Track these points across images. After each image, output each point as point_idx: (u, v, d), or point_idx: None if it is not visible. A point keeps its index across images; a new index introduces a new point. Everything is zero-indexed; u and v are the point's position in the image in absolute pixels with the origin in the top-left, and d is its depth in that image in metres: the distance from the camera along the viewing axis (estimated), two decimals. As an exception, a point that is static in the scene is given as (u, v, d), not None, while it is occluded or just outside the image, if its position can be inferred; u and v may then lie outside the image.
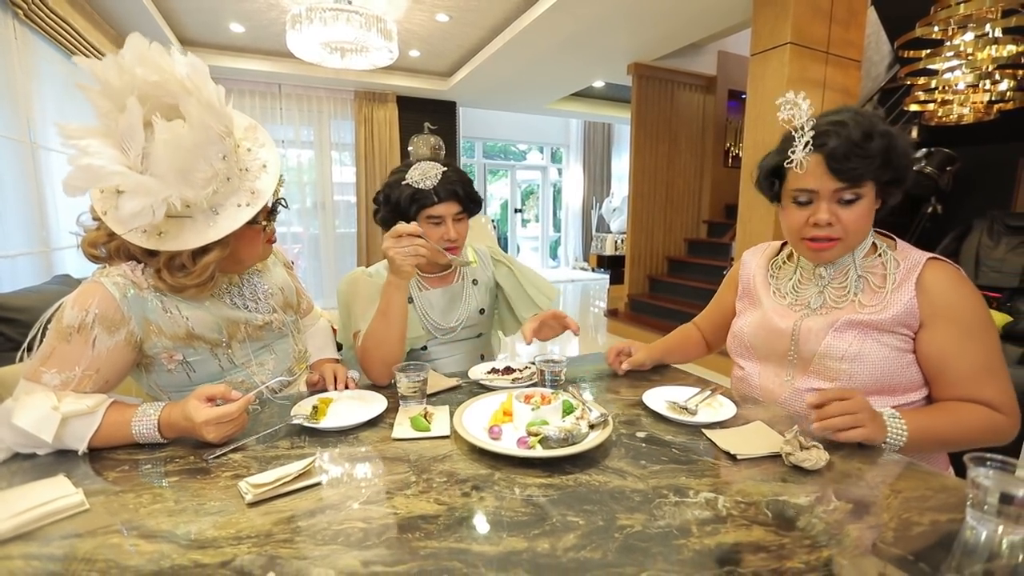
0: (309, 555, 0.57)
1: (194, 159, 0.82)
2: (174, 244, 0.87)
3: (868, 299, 0.97)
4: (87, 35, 3.34)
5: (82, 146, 0.77)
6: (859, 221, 0.94)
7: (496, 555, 0.57)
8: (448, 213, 1.25)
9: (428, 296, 1.36)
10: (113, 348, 0.88)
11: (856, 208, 0.94)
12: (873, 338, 0.95)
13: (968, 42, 2.67)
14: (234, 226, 0.89)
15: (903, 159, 0.93)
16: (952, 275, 0.94)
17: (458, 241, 1.28)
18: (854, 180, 0.91)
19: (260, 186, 0.93)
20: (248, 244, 1.00)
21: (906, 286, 0.94)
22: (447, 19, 4.19)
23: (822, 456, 0.75)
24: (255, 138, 0.96)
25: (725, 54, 5.32)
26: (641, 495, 0.69)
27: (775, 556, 0.57)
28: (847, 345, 0.95)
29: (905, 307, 0.93)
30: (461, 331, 1.39)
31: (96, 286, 0.89)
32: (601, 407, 0.91)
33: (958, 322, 0.91)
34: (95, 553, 0.57)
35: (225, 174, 0.87)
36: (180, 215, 0.86)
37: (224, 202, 0.89)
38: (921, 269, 0.94)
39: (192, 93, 0.81)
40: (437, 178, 1.23)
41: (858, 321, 0.96)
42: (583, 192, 9.02)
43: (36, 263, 2.78)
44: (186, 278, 0.91)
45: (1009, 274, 3.29)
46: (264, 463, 0.78)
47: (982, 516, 0.59)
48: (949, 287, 0.93)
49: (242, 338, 1.05)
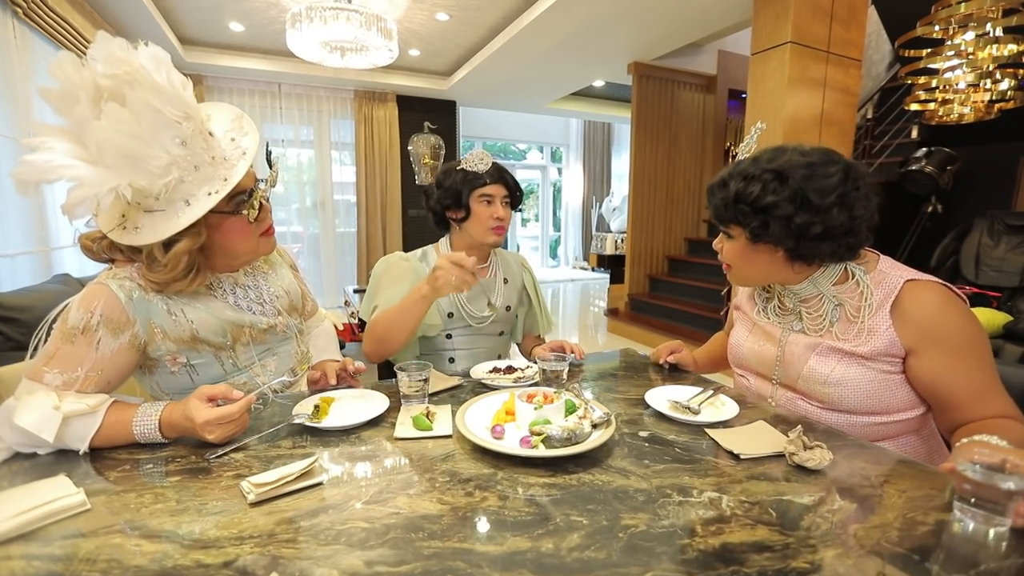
0: (312, 555, 0.57)
1: (143, 145, 0.79)
2: (146, 237, 0.85)
3: (843, 329, 0.95)
4: (86, 34, 3.34)
5: (36, 143, 0.77)
6: (736, 256, 1.01)
7: (500, 555, 0.57)
8: (498, 194, 1.38)
9: None
10: (117, 350, 0.88)
11: (732, 244, 1.01)
12: (857, 363, 0.92)
13: (969, 41, 2.67)
14: (198, 213, 0.86)
15: (754, 206, 0.91)
16: (932, 297, 0.89)
17: (504, 222, 1.40)
18: (716, 219, 1.01)
19: (234, 174, 0.90)
20: (237, 236, 0.96)
21: (880, 315, 0.91)
22: (447, 18, 4.18)
23: (825, 456, 0.75)
24: (240, 127, 0.94)
25: (725, 53, 5.32)
26: (645, 495, 0.69)
27: (780, 556, 0.56)
28: (830, 370, 0.94)
29: (885, 339, 0.90)
30: (488, 325, 1.45)
31: (102, 288, 0.88)
32: (603, 406, 0.91)
33: (946, 346, 0.87)
34: (97, 553, 0.57)
35: (191, 162, 0.84)
36: (152, 209, 0.85)
37: (196, 192, 0.86)
38: (897, 294, 0.90)
39: (137, 80, 0.79)
40: (488, 165, 1.38)
41: (839, 349, 0.94)
42: (583, 191, 9.01)
43: (36, 262, 2.78)
44: (161, 272, 0.89)
45: (1009, 273, 3.29)
46: (266, 463, 0.78)
47: (967, 508, 0.60)
48: (930, 311, 0.88)
49: (246, 341, 1.04)
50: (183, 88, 0.85)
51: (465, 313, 1.41)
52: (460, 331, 1.43)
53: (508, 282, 1.51)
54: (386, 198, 6.13)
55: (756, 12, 3.12)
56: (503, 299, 1.48)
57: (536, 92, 6.18)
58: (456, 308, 1.41)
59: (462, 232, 1.42)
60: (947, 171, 3.75)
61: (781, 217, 0.90)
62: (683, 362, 1.28)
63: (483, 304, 1.44)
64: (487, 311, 1.43)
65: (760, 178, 0.91)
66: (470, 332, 1.44)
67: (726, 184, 0.96)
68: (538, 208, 9.68)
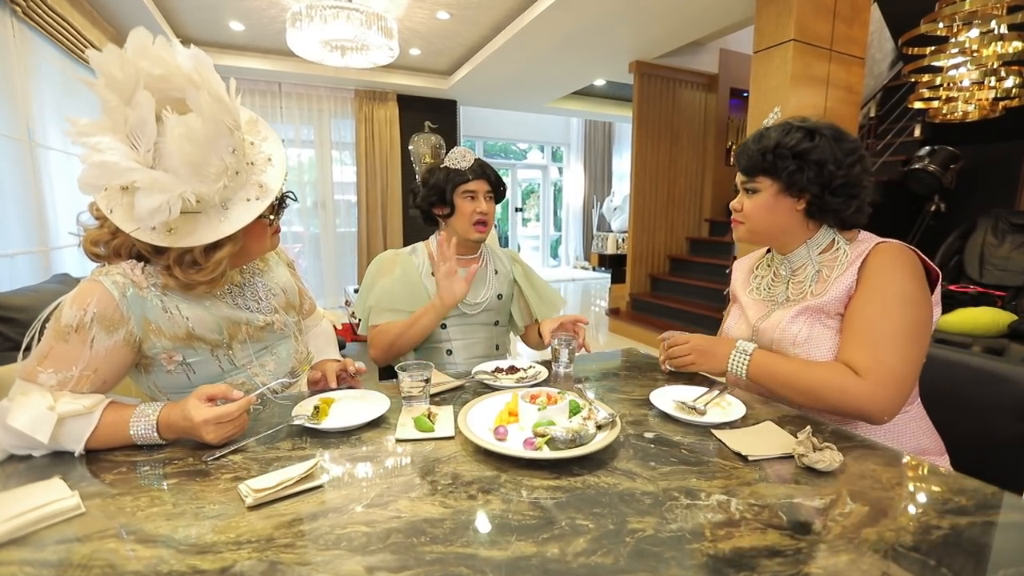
0: (311, 560, 0.55)
1: (206, 153, 0.80)
2: (187, 240, 0.85)
3: (819, 288, 1.04)
4: (86, 33, 3.33)
5: (92, 143, 0.76)
6: (756, 209, 1.07)
7: (504, 560, 0.55)
8: (480, 190, 1.45)
9: None
10: (111, 348, 0.86)
11: (755, 199, 1.07)
12: (821, 323, 1.01)
13: (973, 38, 2.66)
14: (247, 220, 0.89)
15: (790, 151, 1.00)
16: (893, 252, 0.97)
17: (487, 216, 1.46)
18: (746, 172, 1.07)
19: (267, 180, 0.92)
20: (256, 238, 0.99)
21: (850, 271, 1.00)
22: (448, 17, 4.17)
23: (836, 457, 0.73)
24: (257, 131, 0.96)
25: (727, 52, 5.30)
26: (651, 497, 0.67)
27: (792, 561, 0.55)
28: (798, 330, 1.02)
29: (845, 287, 0.99)
30: (480, 314, 1.51)
31: (95, 285, 0.86)
32: (608, 407, 0.89)
33: (873, 289, 0.95)
34: (91, 558, 0.55)
35: (235, 168, 0.86)
36: (191, 211, 0.85)
37: (232, 196, 0.89)
38: (867, 253, 0.99)
39: (201, 87, 0.79)
40: (470, 162, 1.45)
41: (807, 307, 1.03)
42: (584, 191, 8.99)
43: (35, 262, 2.77)
44: (198, 274, 0.89)
45: (1014, 272, 3.27)
46: (265, 465, 0.76)
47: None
48: (884, 262, 0.96)
49: (243, 339, 1.03)
50: (232, 93, 0.86)
51: None
52: (455, 320, 1.47)
53: (499, 272, 1.57)
54: (387, 198, 6.12)
55: (758, 10, 3.11)
56: (495, 288, 1.54)
57: (537, 91, 6.16)
58: None
59: (448, 228, 1.49)
60: (950, 170, 3.72)
61: (815, 162, 1.00)
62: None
63: (475, 291, 1.50)
64: (479, 298, 1.49)
65: (798, 130, 1.02)
66: (464, 322, 1.49)
67: (762, 137, 1.05)
68: (539, 208, 9.66)
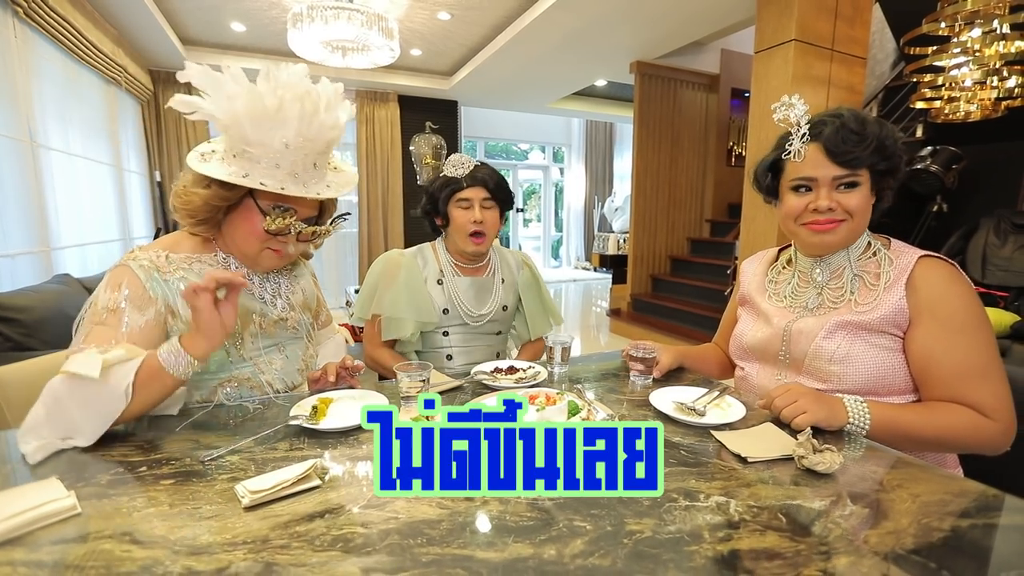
0: (307, 562, 0.55)
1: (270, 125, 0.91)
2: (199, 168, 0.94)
3: (863, 297, 0.97)
4: (87, 34, 3.33)
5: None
6: (861, 204, 0.95)
7: (501, 562, 0.55)
8: (476, 197, 1.36)
9: (459, 282, 1.43)
10: (144, 326, 0.91)
11: (856, 193, 0.95)
12: (863, 339, 0.94)
13: (975, 38, 2.64)
14: (216, 174, 0.92)
15: (896, 149, 0.94)
16: (942, 271, 0.92)
17: (484, 226, 1.37)
18: (851, 165, 0.93)
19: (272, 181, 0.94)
20: (243, 231, 0.99)
21: (898, 286, 0.93)
22: (448, 17, 4.17)
23: (836, 459, 0.73)
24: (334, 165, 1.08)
25: (728, 52, 5.30)
26: (650, 499, 0.67)
27: (791, 563, 0.54)
28: (836, 346, 0.95)
29: (895, 307, 0.92)
30: (485, 324, 1.45)
31: (124, 268, 0.93)
32: (607, 408, 0.89)
33: (944, 319, 0.89)
34: (86, 560, 0.55)
35: (275, 160, 0.93)
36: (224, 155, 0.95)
37: (253, 172, 0.93)
38: (912, 268, 0.93)
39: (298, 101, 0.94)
40: (467, 168, 1.38)
41: (848, 322, 0.95)
42: (585, 191, 8.99)
43: (36, 263, 2.77)
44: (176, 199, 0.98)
45: (1016, 272, 3.26)
46: (262, 465, 0.76)
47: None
48: (937, 283, 0.91)
49: (254, 331, 1.05)
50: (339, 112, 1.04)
51: (462, 312, 1.41)
52: (457, 329, 1.43)
53: (505, 282, 1.51)
54: (387, 198, 6.13)
55: (760, 10, 3.10)
56: (500, 299, 1.48)
57: (538, 92, 6.16)
58: (452, 305, 1.41)
59: (448, 239, 1.44)
60: (952, 170, 3.71)
61: (899, 156, 0.95)
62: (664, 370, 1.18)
63: (480, 303, 1.44)
64: (484, 309, 1.43)
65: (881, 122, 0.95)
66: (467, 331, 1.44)
67: (865, 124, 0.93)
68: (540, 208, 9.66)
